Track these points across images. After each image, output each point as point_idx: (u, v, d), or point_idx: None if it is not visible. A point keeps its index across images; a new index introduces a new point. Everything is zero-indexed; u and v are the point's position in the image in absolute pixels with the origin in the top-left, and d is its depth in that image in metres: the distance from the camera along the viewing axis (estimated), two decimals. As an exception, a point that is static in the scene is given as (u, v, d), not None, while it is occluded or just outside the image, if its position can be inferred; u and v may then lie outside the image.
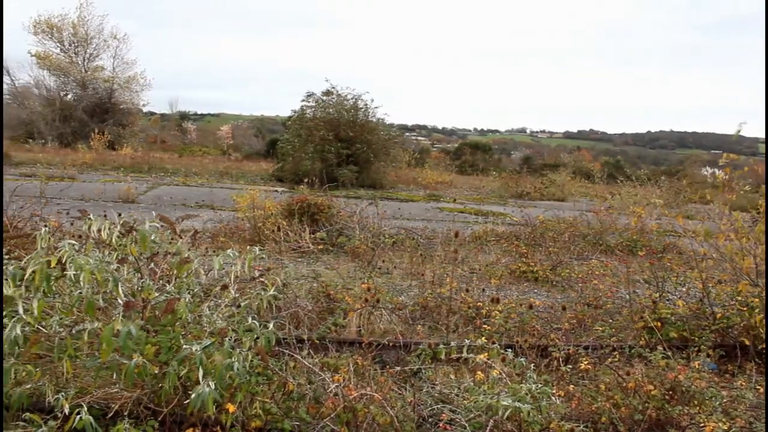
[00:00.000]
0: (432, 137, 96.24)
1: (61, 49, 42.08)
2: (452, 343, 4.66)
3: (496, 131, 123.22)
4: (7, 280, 3.40)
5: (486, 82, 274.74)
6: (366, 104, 25.98)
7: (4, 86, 42.45)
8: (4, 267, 3.54)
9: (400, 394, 4.26)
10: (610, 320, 6.50)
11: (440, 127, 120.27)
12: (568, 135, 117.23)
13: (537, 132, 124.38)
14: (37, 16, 41.63)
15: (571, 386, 4.48)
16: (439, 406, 4.10)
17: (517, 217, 14.40)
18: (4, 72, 41.96)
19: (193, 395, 3.10)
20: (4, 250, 3.82)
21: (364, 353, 4.77)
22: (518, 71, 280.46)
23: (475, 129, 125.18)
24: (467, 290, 6.99)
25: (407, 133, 69.04)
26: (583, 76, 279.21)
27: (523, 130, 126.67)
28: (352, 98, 25.82)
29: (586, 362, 4.90)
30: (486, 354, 4.30)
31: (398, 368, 4.79)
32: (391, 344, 5.25)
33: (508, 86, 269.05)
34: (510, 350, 4.39)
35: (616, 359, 5.07)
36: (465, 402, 3.98)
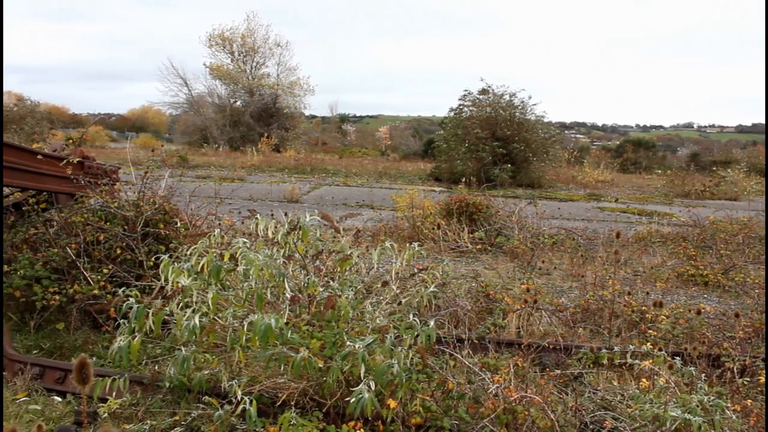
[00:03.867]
0: (591, 135, 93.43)
1: (231, 60, 44.95)
2: (615, 348, 4.51)
3: (660, 127, 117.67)
4: (176, 271, 3.67)
5: (649, 75, 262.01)
6: (523, 102, 25.56)
7: (183, 96, 46.07)
8: (182, 261, 3.83)
9: (560, 398, 4.18)
10: (793, 330, 6.00)
11: (600, 124, 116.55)
12: (741, 129, 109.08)
13: (705, 127, 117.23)
14: (212, 30, 44.75)
15: (749, 401, 4.17)
16: (601, 412, 3.97)
17: (684, 217, 13.63)
18: (184, 83, 45.57)
19: (352, 400, 3.19)
20: (185, 247, 4.13)
21: (523, 355, 4.71)
22: (684, 62, 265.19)
23: (637, 125, 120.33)
24: (629, 293, 6.71)
25: (566, 131, 67.38)
26: (758, 63, 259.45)
27: (689, 125, 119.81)
28: (508, 96, 25.49)
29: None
30: (651, 360, 4.11)
31: (559, 371, 4.70)
32: (551, 346, 5.15)
33: (673, 79, 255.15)
34: (678, 358, 4.18)
35: (801, 373, 4.67)
36: (629, 410, 3.83)
